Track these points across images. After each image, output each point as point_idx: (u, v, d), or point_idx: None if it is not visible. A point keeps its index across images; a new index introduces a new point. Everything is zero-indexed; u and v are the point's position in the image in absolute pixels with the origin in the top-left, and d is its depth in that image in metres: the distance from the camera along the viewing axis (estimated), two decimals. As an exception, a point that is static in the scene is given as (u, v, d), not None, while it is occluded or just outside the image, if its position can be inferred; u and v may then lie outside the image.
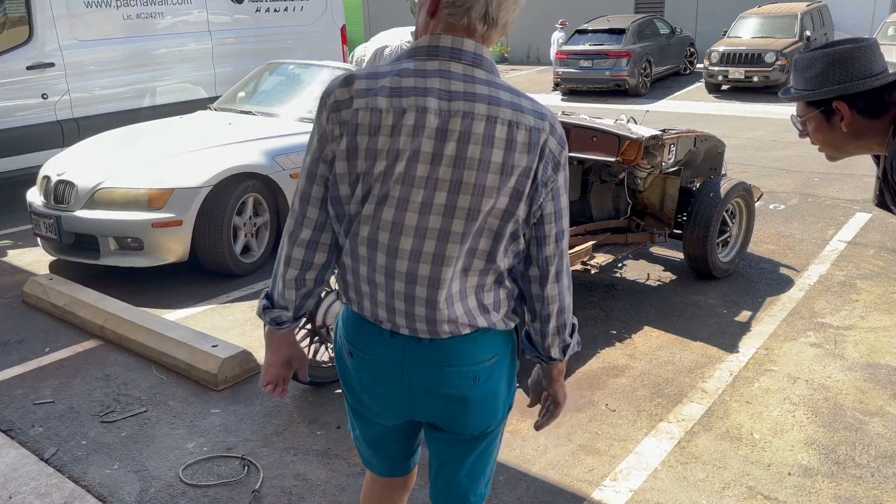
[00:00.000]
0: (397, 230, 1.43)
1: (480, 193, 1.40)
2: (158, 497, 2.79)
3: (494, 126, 1.39)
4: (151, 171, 4.87)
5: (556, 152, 1.46)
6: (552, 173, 1.46)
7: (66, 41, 7.08)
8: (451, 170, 1.39)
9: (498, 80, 1.44)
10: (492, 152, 1.39)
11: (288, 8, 9.00)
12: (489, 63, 1.45)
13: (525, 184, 1.42)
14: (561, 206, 1.50)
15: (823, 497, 2.73)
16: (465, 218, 1.42)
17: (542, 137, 1.42)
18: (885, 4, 16.33)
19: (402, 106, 1.38)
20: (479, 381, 1.55)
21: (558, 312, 1.55)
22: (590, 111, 10.67)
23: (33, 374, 3.77)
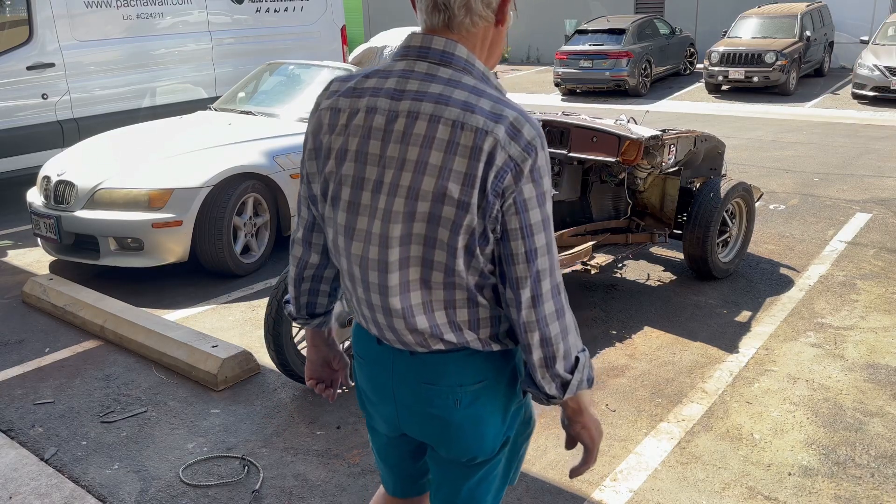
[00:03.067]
0: (349, 234, 1.38)
1: (415, 197, 1.29)
2: (158, 497, 2.79)
3: (437, 127, 1.28)
4: (151, 171, 4.87)
5: (518, 159, 1.27)
6: (512, 183, 1.27)
7: (66, 41, 7.08)
8: (391, 172, 1.31)
9: (464, 80, 1.31)
10: (429, 154, 1.28)
11: (288, 8, 9.00)
12: (463, 61, 1.33)
13: (470, 193, 1.27)
14: (529, 222, 1.30)
15: (823, 497, 2.73)
16: (402, 222, 1.31)
17: (488, 141, 1.26)
18: (885, 4, 16.33)
19: (356, 106, 1.35)
20: (462, 404, 1.45)
21: (541, 343, 1.36)
22: (590, 111, 10.67)
23: (33, 374, 3.77)
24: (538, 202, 1.31)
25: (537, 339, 1.36)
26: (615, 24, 14.37)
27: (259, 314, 4.44)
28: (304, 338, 3.47)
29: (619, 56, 13.54)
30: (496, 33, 1.39)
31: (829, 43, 15.38)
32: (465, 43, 1.34)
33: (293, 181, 5.26)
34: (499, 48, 1.42)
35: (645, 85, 14.12)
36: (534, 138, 1.29)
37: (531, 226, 1.31)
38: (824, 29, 14.91)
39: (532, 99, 14.35)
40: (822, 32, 14.76)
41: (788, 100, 12.86)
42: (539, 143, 1.29)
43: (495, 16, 1.35)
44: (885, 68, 11.78)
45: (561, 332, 1.38)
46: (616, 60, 13.55)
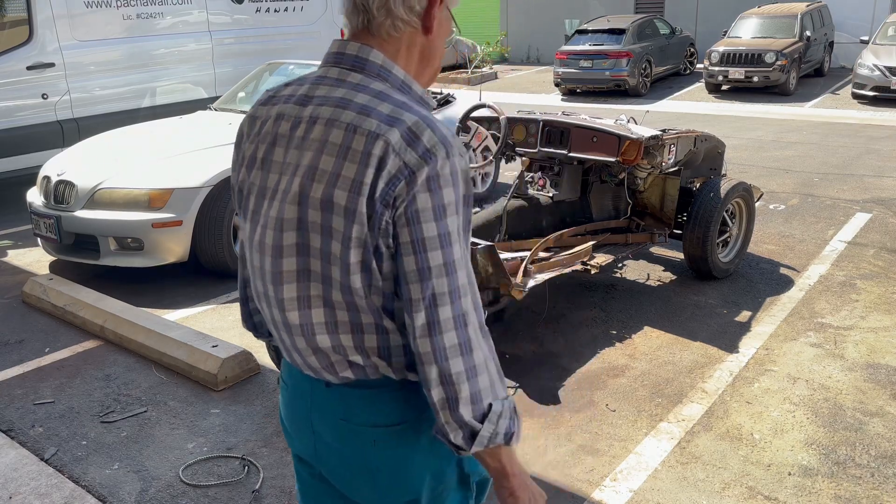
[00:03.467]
0: (251, 245, 1.32)
1: (306, 205, 1.21)
2: (158, 497, 2.79)
3: (331, 131, 1.20)
4: (151, 171, 4.87)
5: (414, 166, 1.14)
6: (404, 192, 1.15)
7: (66, 41, 7.08)
8: (286, 178, 1.24)
9: (372, 85, 1.23)
10: (321, 159, 1.20)
11: (288, 8, 9.00)
12: (377, 67, 1.24)
13: (357, 200, 1.16)
14: (422, 236, 1.16)
15: (823, 497, 2.73)
16: (295, 230, 1.23)
17: (378, 145, 1.15)
18: (885, 4, 16.33)
19: (269, 114, 1.30)
20: (380, 445, 1.31)
21: (440, 379, 1.17)
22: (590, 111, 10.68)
23: (33, 374, 3.77)
24: (435, 214, 1.15)
25: (435, 375, 1.18)
26: (615, 24, 14.36)
27: (259, 314, 4.43)
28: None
29: (619, 56, 13.53)
30: (426, 43, 1.29)
31: (829, 43, 15.38)
32: (384, 48, 1.26)
33: (293, 181, 5.25)
34: (432, 60, 1.32)
35: (645, 85, 14.12)
36: (435, 145, 1.16)
37: (424, 240, 1.15)
38: (824, 29, 14.91)
39: (532, 99, 14.35)
40: (822, 32, 14.76)
41: (788, 100, 12.86)
42: (442, 151, 1.16)
43: (421, 22, 1.26)
44: (885, 68, 11.77)
45: (466, 371, 1.18)
46: (616, 60, 13.55)
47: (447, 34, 1.34)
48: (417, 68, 1.31)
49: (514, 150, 4.58)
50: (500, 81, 16.84)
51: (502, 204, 4.43)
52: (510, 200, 4.45)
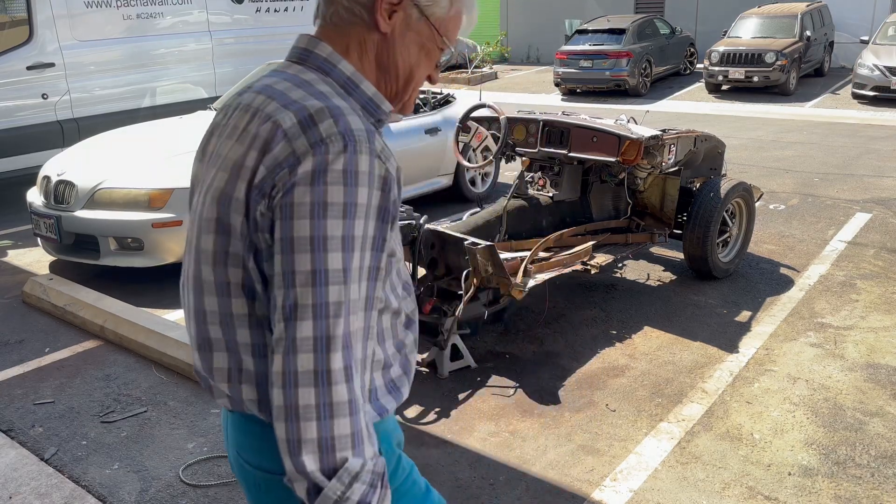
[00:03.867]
0: (186, 242, 1.21)
1: (212, 198, 1.10)
2: (158, 497, 2.79)
3: (241, 116, 1.11)
4: (151, 171, 4.87)
5: (301, 154, 0.99)
6: (284, 182, 0.99)
7: (66, 41, 7.08)
8: (210, 171, 1.14)
9: (303, 75, 1.12)
10: (228, 146, 1.10)
11: (288, 8, 9.00)
12: (320, 60, 1.13)
13: (236, 186, 1.06)
14: (291, 234, 0.98)
15: (823, 497, 2.73)
16: (205, 231, 1.12)
17: (267, 126, 1.04)
18: (885, 4, 16.33)
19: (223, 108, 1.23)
20: (266, 492, 1.18)
21: (284, 411, 0.97)
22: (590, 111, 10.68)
23: (33, 374, 3.77)
24: (313, 212, 0.98)
25: (279, 402, 0.98)
26: (615, 24, 14.37)
27: (259, 314, 4.43)
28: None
29: (619, 56, 13.53)
30: (382, 44, 1.14)
31: (829, 43, 15.38)
32: (335, 42, 1.14)
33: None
34: (390, 67, 1.16)
35: (645, 85, 14.11)
36: (332, 136, 1.00)
37: (292, 239, 0.98)
38: (824, 29, 14.91)
39: (532, 99, 14.34)
40: (822, 32, 14.76)
41: (788, 100, 12.86)
42: (339, 143, 1.00)
43: (367, 14, 1.12)
44: (885, 68, 11.77)
45: (318, 408, 0.96)
46: (616, 60, 13.55)
47: (427, 48, 1.16)
48: (377, 76, 1.16)
49: (514, 150, 4.58)
50: (500, 81, 16.84)
51: (502, 204, 4.43)
52: (510, 200, 4.45)
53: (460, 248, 3.68)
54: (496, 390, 3.52)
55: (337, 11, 1.13)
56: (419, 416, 3.30)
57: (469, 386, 3.56)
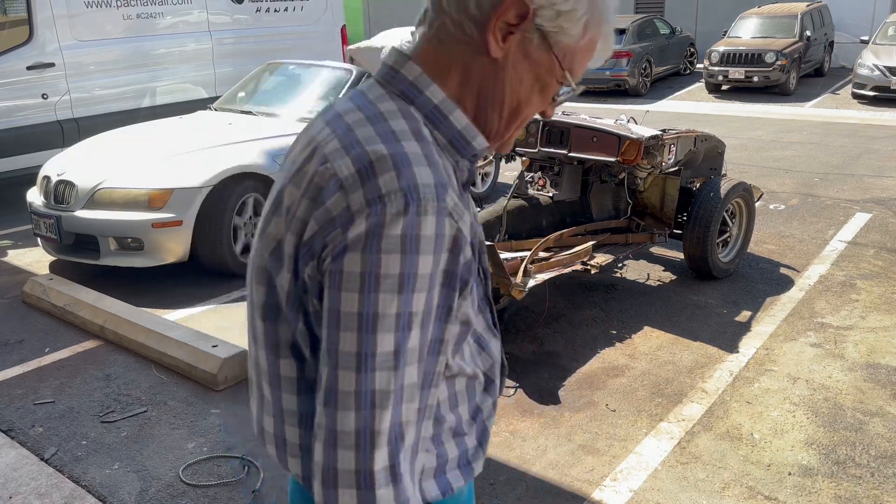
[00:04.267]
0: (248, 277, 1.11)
1: (265, 244, 0.98)
2: (158, 497, 2.79)
3: (305, 149, 0.96)
4: (151, 171, 4.87)
5: (356, 212, 0.85)
6: (335, 241, 0.86)
7: (66, 41, 7.08)
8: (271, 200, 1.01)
9: (380, 105, 0.94)
10: (284, 181, 0.97)
11: (288, 8, 9.00)
12: (406, 84, 0.95)
13: (285, 238, 0.93)
14: (337, 307, 0.86)
15: (823, 497, 2.73)
16: (255, 279, 1.01)
17: (323, 173, 0.89)
18: (885, 4, 16.33)
19: None
20: None
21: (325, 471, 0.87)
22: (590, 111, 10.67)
23: (33, 374, 3.77)
24: (363, 285, 0.84)
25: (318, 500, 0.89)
26: (615, 24, 14.36)
27: (259, 314, 4.43)
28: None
29: (619, 56, 13.53)
30: (489, 68, 0.94)
31: (829, 43, 15.38)
32: (430, 60, 0.96)
33: (293, 181, 5.26)
34: (496, 96, 0.96)
35: (645, 85, 14.11)
36: (391, 193, 0.84)
37: (339, 314, 0.86)
38: (824, 29, 14.91)
39: (532, 99, 14.34)
40: (822, 32, 14.76)
41: (788, 100, 12.85)
42: (399, 202, 0.84)
43: (478, 32, 0.91)
44: (885, 68, 11.77)
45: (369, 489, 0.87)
46: (616, 60, 13.55)
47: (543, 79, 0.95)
48: (477, 106, 0.96)
49: (514, 150, 4.58)
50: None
51: (502, 204, 4.43)
52: (510, 200, 4.45)
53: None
54: (496, 390, 3.52)
55: (444, 25, 0.94)
56: (419, 416, 3.30)
57: (469, 386, 3.56)
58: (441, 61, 0.95)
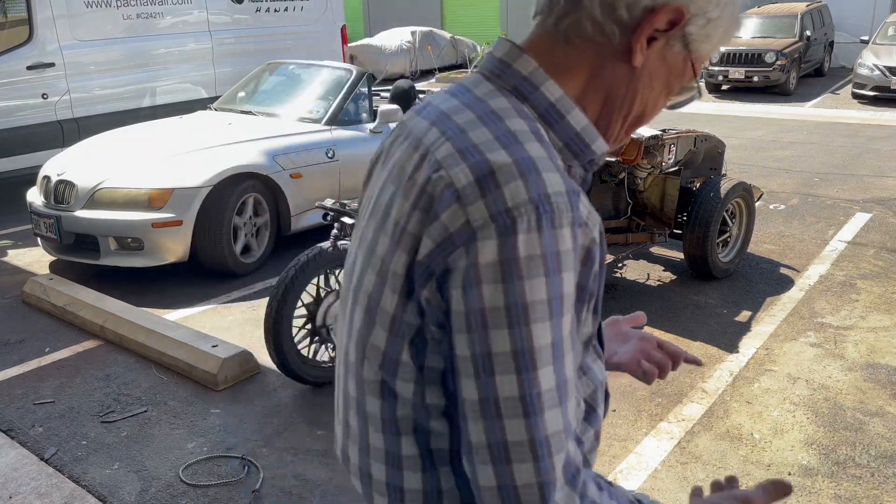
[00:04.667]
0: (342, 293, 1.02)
1: (365, 260, 0.90)
2: (158, 497, 2.79)
3: (407, 153, 0.88)
4: (151, 171, 4.87)
5: (478, 226, 0.76)
6: (457, 263, 0.77)
7: (66, 41, 7.08)
8: (364, 218, 0.94)
9: (493, 102, 0.85)
10: (390, 193, 0.88)
11: (288, 8, 9.00)
12: (519, 79, 0.87)
13: (394, 255, 0.83)
14: (489, 350, 0.76)
15: (823, 497, 2.73)
16: (356, 300, 0.92)
17: (437, 183, 0.80)
18: (885, 4, 16.33)
19: None
20: None
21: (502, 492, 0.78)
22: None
23: (33, 374, 3.77)
24: (511, 320, 0.75)
25: None
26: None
27: (259, 314, 4.44)
28: (303, 337, 3.47)
29: (619, 56, 13.52)
30: (624, 73, 0.87)
31: (829, 43, 15.38)
32: (548, 58, 0.87)
33: (293, 181, 5.26)
34: (626, 100, 0.88)
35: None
36: (521, 206, 0.75)
37: (489, 356, 0.76)
38: (824, 29, 14.91)
39: (532, 99, 14.35)
40: (822, 32, 14.76)
41: (788, 100, 12.86)
42: (530, 216, 0.75)
43: (620, 36, 0.84)
44: (885, 68, 11.77)
45: None
46: (616, 60, 13.53)
47: (671, 85, 0.90)
48: (601, 109, 0.89)
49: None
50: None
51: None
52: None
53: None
54: (496, 390, 3.52)
55: (579, 22, 0.85)
56: (419, 416, 3.30)
57: (469, 386, 3.56)
58: (562, 58, 0.87)
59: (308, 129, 5.54)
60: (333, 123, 5.68)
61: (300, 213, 5.39)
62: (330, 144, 5.54)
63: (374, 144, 5.86)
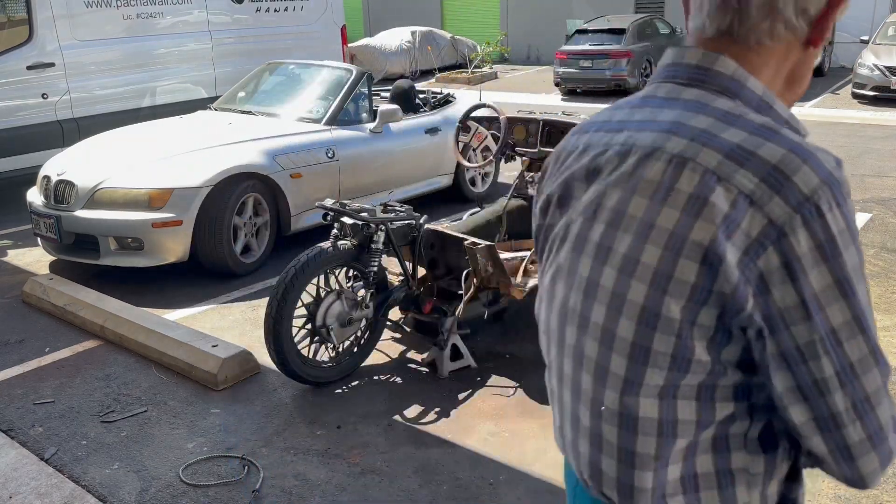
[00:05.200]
0: (550, 305, 1.03)
1: (626, 273, 0.90)
2: (158, 497, 2.79)
3: (648, 163, 0.90)
4: (151, 171, 4.87)
5: (780, 220, 0.80)
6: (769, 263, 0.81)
7: (66, 41, 7.08)
8: (587, 225, 0.96)
9: (715, 103, 0.90)
10: (630, 202, 0.90)
11: (288, 8, 9.00)
12: (726, 80, 0.91)
13: (676, 265, 0.85)
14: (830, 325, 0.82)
15: (823, 497, 2.73)
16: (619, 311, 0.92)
17: (720, 192, 0.83)
18: (885, 4, 16.34)
19: (575, 145, 1.03)
20: None
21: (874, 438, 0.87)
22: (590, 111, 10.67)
23: (33, 374, 3.77)
24: (841, 292, 0.82)
25: None
26: (615, 24, 14.37)
27: (259, 314, 4.44)
28: (303, 337, 3.48)
29: (619, 56, 13.54)
30: (804, 58, 0.95)
31: (828, 42, 15.38)
32: (743, 58, 0.92)
33: (293, 181, 5.26)
34: (802, 80, 0.97)
35: (645, 85, 14.12)
36: (817, 191, 0.80)
37: (834, 331, 0.83)
38: (824, 29, 14.91)
39: (532, 99, 14.34)
40: (822, 32, 14.76)
41: (788, 100, 12.85)
42: (828, 197, 0.80)
43: (809, 31, 0.91)
44: (885, 68, 11.78)
45: None
46: (616, 60, 13.55)
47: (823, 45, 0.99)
48: (782, 89, 0.96)
49: (514, 150, 4.58)
50: (500, 81, 16.84)
51: (502, 204, 4.43)
52: (510, 200, 4.45)
53: (460, 248, 3.68)
54: (496, 390, 3.52)
55: (773, 28, 0.90)
56: (419, 415, 3.31)
57: (469, 386, 3.56)
58: (754, 57, 0.93)
59: (308, 129, 5.54)
60: (333, 123, 5.68)
61: (300, 213, 5.39)
62: (330, 144, 5.54)
63: (374, 144, 5.87)
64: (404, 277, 3.74)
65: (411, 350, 3.94)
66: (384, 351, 3.92)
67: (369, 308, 3.59)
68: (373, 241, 3.55)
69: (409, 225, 3.73)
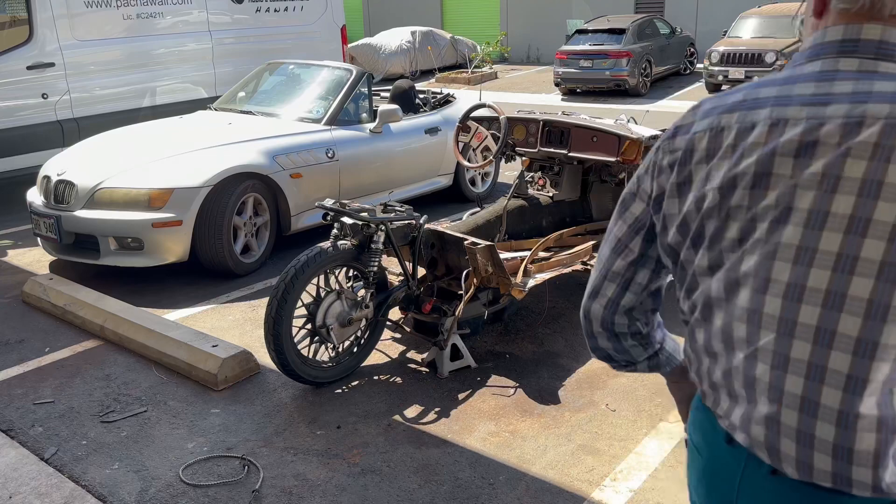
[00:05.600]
0: (763, 284, 1.02)
1: (865, 234, 0.94)
2: (158, 497, 2.79)
3: (869, 129, 0.94)
4: (151, 171, 4.87)
5: None
6: None
7: (66, 41, 7.08)
8: (818, 197, 0.97)
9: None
10: (886, 170, 0.93)
11: (288, 8, 9.00)
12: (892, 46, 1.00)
13: None
14: None
15: None
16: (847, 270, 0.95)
17: None
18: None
19: (750, 120, 1.03)
20: None
21: None
22: (590, 111, 10.68)
23: (33, 374, 3.77)
24: None
25: None
26: (615, 24, 14.37)
27: (259, 314, 4.44)
28: (303, 337, 3.48)
29: (619, 56, 13.53)
30: None
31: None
32: None
33: (293, 181, 5.27)
34: None
35: (645, 85, 14.11)
36: None
37: None
38: (824, 29, 14.90)
39: (532, 98, 14.35)
40: (822, 32, 14.75)
41: (788, 100, 12.84)
42: None
43: None
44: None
45: None
46: (616, 60, 13.55)
47: None
48: None
49: (514, 149, 4.58)
50: (500, 81, 16.84)
51: (502, 204, 4.43)
52: (510, 200, 4.45)
53: (460, 248, 3.68)
54: (496, 390, 3.52)
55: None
56: (419, 415, 3.31)
57: (469, 386, 3.56)
58: None
59: (308, 129, 5.54)
60: (333, 123, 5.68)
61: (300, 213, 5.39)
62: (330, 144, 5.54)
63: (374, 144, 5.87)
64: (404, 277, 3.74)
65: (411, 350, 3.94)
66: (384, 351, 3.92)
67: (369, 308, 3.59)
68: (373, 240, 3.55)
69: (408, 225, 3.73)
